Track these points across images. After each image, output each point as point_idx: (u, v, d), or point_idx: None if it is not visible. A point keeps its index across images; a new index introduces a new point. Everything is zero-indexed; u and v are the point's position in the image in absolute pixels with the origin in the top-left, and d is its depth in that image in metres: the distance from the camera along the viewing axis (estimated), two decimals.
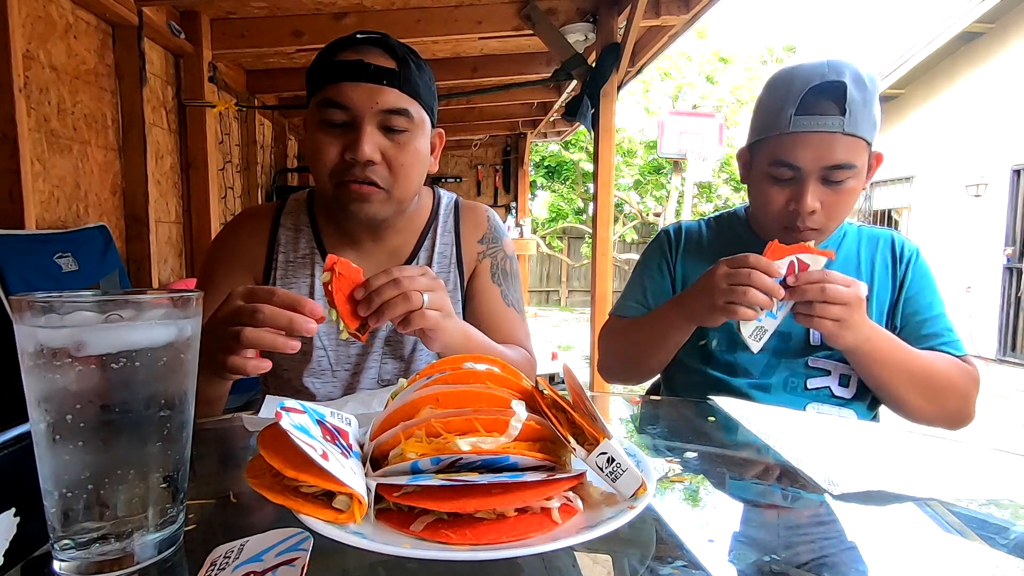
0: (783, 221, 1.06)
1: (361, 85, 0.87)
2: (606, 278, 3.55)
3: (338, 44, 0.91)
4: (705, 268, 1.15)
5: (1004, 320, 7.22)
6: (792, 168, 1.00)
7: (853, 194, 1.02)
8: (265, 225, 1.02)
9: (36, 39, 2.34)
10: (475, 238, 1.09)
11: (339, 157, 0.89)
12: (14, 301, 0.40)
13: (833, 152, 0.97)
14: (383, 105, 0.88)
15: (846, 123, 0.96)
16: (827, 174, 0.99)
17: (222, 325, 0.68)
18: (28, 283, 2.06)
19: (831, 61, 1.00)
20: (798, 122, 0.98)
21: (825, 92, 0.97)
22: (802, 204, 1.00)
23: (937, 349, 1.05)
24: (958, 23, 7.43)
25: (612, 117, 3.48)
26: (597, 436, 0.47)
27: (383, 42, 0.91)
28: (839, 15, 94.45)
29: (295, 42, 3.40)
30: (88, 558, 0.41)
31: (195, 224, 3.51)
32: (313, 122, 0.91)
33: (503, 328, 1.06)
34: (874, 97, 0.99)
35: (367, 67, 0.87)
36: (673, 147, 9.50)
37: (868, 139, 0.99)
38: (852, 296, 0.89)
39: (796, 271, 0.91)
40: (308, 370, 1.00)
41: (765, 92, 1.06)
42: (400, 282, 0.72)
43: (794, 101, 0.99)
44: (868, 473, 0.62)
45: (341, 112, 0.88)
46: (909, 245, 1.12)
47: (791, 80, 1.01)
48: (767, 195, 1.05)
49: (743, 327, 0.91)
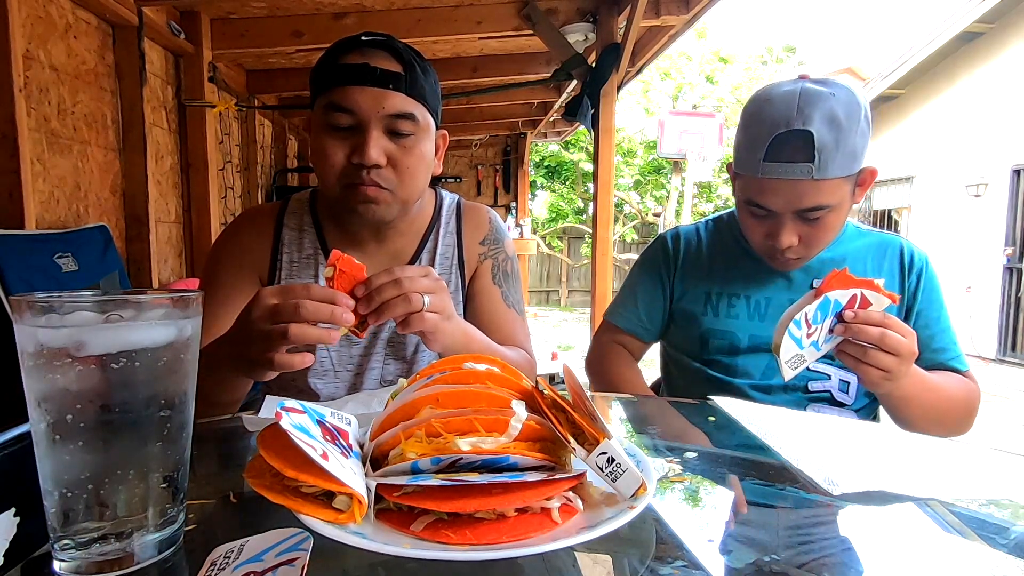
0: (764, 251, 1.06)
1: (367, 89, 0.87)
2: (606, 278, 3.55)
3: (343, 46, 0.91)
4: (704, 275, 1.17)
5: (1004, 320, 7.22)
6: (765, 210, 1.00)
7: (832, 226, 1.00)
8: (269, 225, 1.02)
9: (36, 39, 2.34)
10: (477, 239, 1.09)
11: (346, 160, 0.89)
12: (14, 301, 0.40)
13: (803, 198, 0.95)
14: (389, 109, 0.88)
15: (815, 170, 0.92)
16: (802, 214, 0.98)
17: (261, 323, 0.68)
18: (28, 283, 2.06)
19: (804, 94, 0.94)
20: (766, 168, 0.95)
21: (792, 139, 0.93)
22: (778, 241, 0.99)
23: (945, 364, 1.06)
24: (958, 23, 7.43)
25: (612, 117, 3.48)
26: (597, 436, 0.47)
27: (388, 45, 0.91)
28: (839, 15, 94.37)
29: (295, 42, 3.40)
30: (88, 558, 0.41)
31: (195, 224, 3.51)
32: (318, 124, 0.91)
33: (503, 329, 1.06)
34: (852, 129, 0.94)
35: (373, 71, 0.87)
36: (673, 147, 9.51)
37: (845, 175, 0.95)
38: (907, 349, 0.82)
39: (857, 306, 0.82)
40: (311, 371, 1.00)
41: (741, 122, 1.03)
42: (401, 282, 0.72)
43: (762, 146, 0.95)
44: (868, 473, 0.62)
45: (347, 116, 0.88)
46: (919, 254, 1.11)
47: (761, 120, 0.97)
48: (747, 225, 1.06)
49: (783, 350, 0.81)
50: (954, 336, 1.08)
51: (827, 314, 0.82)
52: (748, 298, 1.12)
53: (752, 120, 1.00)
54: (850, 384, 1.06)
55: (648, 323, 1.23)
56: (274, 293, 0.69)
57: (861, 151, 0.96)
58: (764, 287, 1.11)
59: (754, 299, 1.11)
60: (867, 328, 0.81)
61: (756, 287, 1.12)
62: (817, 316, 0.81)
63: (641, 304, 1.23)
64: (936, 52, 7.87)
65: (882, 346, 0.81)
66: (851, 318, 0.81)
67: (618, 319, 1.25)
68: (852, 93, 0.96)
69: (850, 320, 0.81)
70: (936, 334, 1.07)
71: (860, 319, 0.81)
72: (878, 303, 0.82)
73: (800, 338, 0.81)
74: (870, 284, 0.82)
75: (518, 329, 1.09)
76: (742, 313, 1.11)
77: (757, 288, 1.12)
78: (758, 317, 1.10)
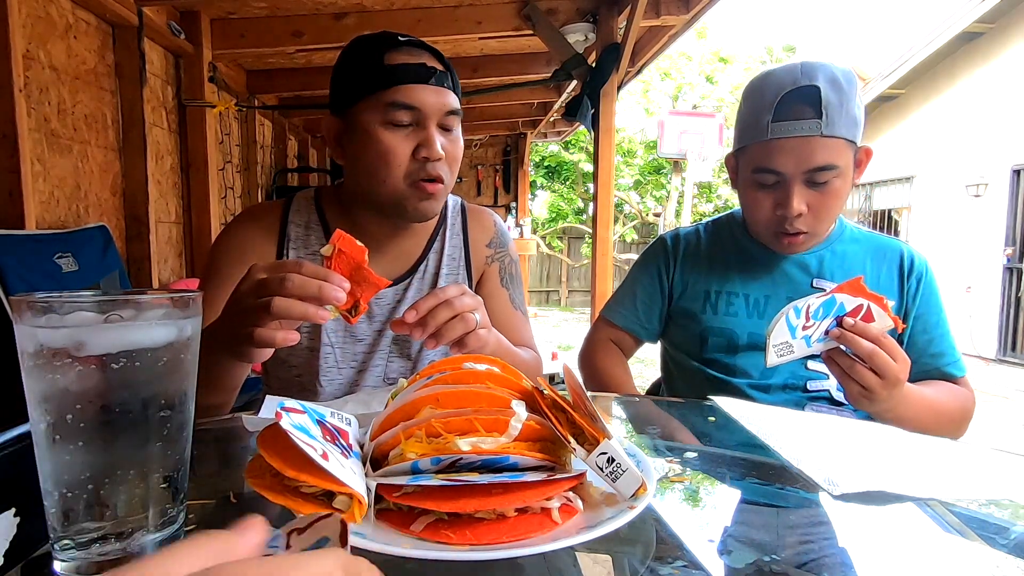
0: (772, 226, 1.06)
1: (429, 87, 0.90)
2: (606, 278, 3.56)
3: (380, 45, 0.92)
4: (704, 276, 1.18)
5: (1004, 320, 7.22)
6: (775, 174, 1.01)
7: (839, 194, 1.01)
8: (274, 222, 1.01)
9: (36, 39, 2.34)
10: (483, 242, 1.11)
11: (410, 157, 0.91)
12: (14, 301, 0.40)
13: (813, 155, 0.97)
14: (447, 107, 0.92)
15: (823, 125, 0.95)
16: (810, 177, 0.99)
17: (247, 298, 0.67)
18: (28, 283, 2.06)
19: (804, 64, 0.99)
20: (775, 128, 0.98)
21: (799, 97, 0.97)
22: (788, 208, 1.00)
23: (942, 370, 1.06)
24: (958, 23, 7.43)
25: (612, 117, 3.48)
26: (597, 436, 0.47)
27: (425, 45, 0.94)
28: (839, 15, 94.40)
29: (295, 42, 3.40)
30: (88, 558, 0.41)
31: (195, 224, 3.51)
32: (372, 123, 0.91)
33: (514, 331, 1.08)
34: (852, 95, 0.98)
35: (432, 70, 0.91)
36: (673, 147, 9.52)
37: (849, 137, 0.98)
38: (893, 373, 0.80)
39: (859, 318, 0.81)
40: (316, 367, 1.00)
41: (742, 100, 1.07)
42: (453, 303, 0.73)
43: (769, 108, 0.98)
44: (868, 473, 0.62)
45: (410, 113, 0.90)
46: (919, 259, 1.11)
47: (765, 87, 1.01)
48: (754, 201, 1.06)
49: (775, 334, 0.80)
50: (952, 341, 1.09)
51: (828, 314, 0.81)
52: (747, 296, 1.12)
53: (755, 92, 1.03)
54: None
55: (646, 322, 1.24)
56: (264, 268, 0.68)
57: (860, 121, 1.00)
58: (763, 286, 1.12)
59: (753, 297, 1.12)
60: (860, 341, 0.79)
61: (755, 285, 1.12)
62: (819, 312, 0.81)
63: (640, 303, 1.23)
64: (936, 52, 7.87)
65: (870, 363, 0.79)
66: (850, 325, 0.80)
67: (615, 316, 1.26)
68: (846, 68, 1.00)
69: (848, 327, 0.80)
70: (935, 339, 1.07)
71: (858, 329, 0.79)
72: (881, 321, 0.81)
73: (796, 327, 0.80)
74: (880, 300, 0.81)
75: (526, 330, 1.13)
76: (741, 311, 1.12)
77: (756, 286, 1.12)
78: (757, 315, 1.11)
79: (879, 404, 0.84)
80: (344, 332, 1.01)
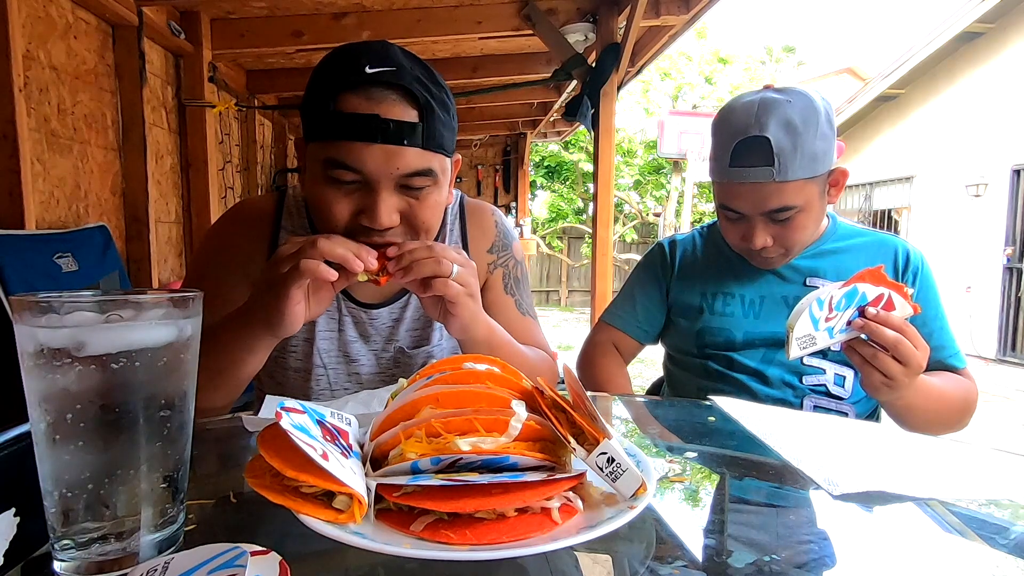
0: (742, 253, 1.12)
1: (377, 147, 0.73)
2: (606, 278, 3.56)
3: (342, 75, 0.75)
4: (700, 277, 1.21)
5: (1004, 320, 7.22)
6: (736, 212, 1.05)
7: (804, 225, 1.03)
8: (265, 227, 0.96)
9: (36, 39, 2.34)
10: (484, 247, 1.04)
11: (351, 217, 0.78)
12: (14, 301, 0.40)
13: (769, 199, 1.00)
14: (404, 169, 0.75)
15: (776, 172, 0.97)
16: (770, 215, 1.02)
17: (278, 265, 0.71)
18: (28, 283, 2.06)
19: (761, 103, 0.99)
20: (732, 172, 1.01)
21: (752, 145, 0.98)
22: (752, 243, 1.04)
23: (943, 362, 1.07)
24: (958, 23, 7.43)
25: (612, 117, 3.48)
26: (597, 436, 0.47)
27: (399, 83, 0.75)
28: (839, 15, 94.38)
29: (295, 42, 3.40)
30: (88, 558, 0.41)
31: (195, 224, 3.51)
32: (316, 172, 0.78)
33: (523, 337, 1.02)
34: (810, 133, 0.97)
35: (384, 125, 0.73)
36: (673, 147, 9.50)
37: (807, 176, 0.99)
38: (916, 361, 0.81)
39: (881, 306, 0.81)
40: (307, 388, 0.97)
41: (711, 131, 1.09)
42: (433, 247, 0.74)
43: (727, 151, 1.01)
44: (868, 473, 0.62)
45: (352, 174, 0.75)
46: (915, 253, 1.12)
47: (724, 127, 1.04)
48: (725, 230, 1.11)
49: (798, 327, 0.79)
50: (951, 333, 1.09)
51: (851, 304, 0.81)
52: (743, 297, 1.14)
53: (718, 129, 1.06)
54: (846, 378, 1.07)
55: (645, 324, 1.26)
56: (296, 241, 0.72)
57: (823, 153, 1.00)
58: (758, 286, 1.14)
59: (748, 297, 1.14)
60: (884, 331, 0.80)
61: (751, 286, 1.14)
62: (842, 303, 0.81)
63: (639, 306, 1.26)
64: (936, 52, 7.87)
65: (894, 352, 0.80)
66: (872, 316, 0.80)
67: (615, 320, 1.28)
68: (810, 99, 1.00)
69: (871, 317, 0.80)
70: (934, 331, 1.08)
71: (881, 319, 0.80)
72: (902, 310, 0.82)
73: (819, 319, 0.80)
74: (900, 289, 0.82)
75: (536, 333, 1.08)
76: (737, 311, 1.14)
77: (752, 287, 1.14)
78: (752, 315, 1.13)
79: (898, 391, 0.84)
80: (338, 353, 0.97)
